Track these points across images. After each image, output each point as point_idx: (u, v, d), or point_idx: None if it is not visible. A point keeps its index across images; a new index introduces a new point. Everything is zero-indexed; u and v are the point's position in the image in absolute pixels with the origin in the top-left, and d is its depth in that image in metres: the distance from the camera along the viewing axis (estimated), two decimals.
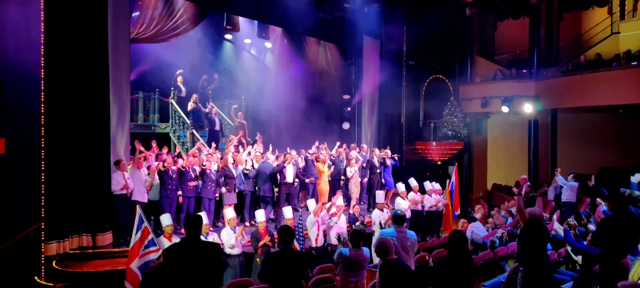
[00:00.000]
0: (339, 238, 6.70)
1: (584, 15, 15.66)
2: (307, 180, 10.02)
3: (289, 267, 4.75)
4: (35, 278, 6.80)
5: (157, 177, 8.32)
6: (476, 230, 8.62)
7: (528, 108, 14.05)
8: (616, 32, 14.32)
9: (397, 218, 5.59)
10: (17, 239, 6.56)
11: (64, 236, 7.36)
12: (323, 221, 7.69)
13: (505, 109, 14.39)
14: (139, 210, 5.97)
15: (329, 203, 8.03)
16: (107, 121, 7.93)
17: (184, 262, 4.04)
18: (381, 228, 7.48)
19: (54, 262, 7.11)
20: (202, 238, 6.28)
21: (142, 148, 8.57)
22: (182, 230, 8.22)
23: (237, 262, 6.98)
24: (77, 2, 7.43)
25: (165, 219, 6.80)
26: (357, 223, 8.31)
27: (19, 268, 6.68)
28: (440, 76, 16.25)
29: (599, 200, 8.82)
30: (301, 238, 7.24)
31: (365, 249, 5.27)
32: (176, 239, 6.65)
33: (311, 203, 8.07)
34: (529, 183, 12.26)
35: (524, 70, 15.31)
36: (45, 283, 6.76)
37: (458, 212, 10.32)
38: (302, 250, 7.16)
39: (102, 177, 7.78)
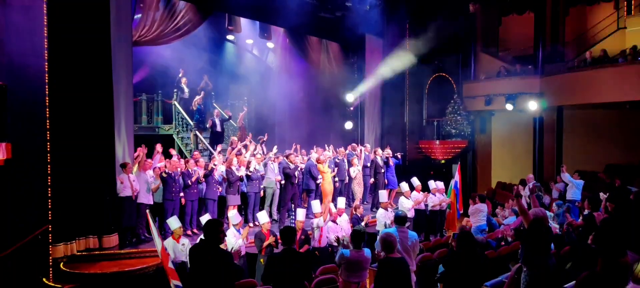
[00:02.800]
0: (338, 240, 6.73)
1: (590, 11, 15.50)
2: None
3: (292, 268, 4.80)
4: (44, 279, 6.90)
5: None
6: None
7: (533, 105, 13.95)
8: (623, 27, 14.19)
9: (399, 219, 5.62)
10: (25, 241, 6.66)
11: (71, 238, 7.47)
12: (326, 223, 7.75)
13: (509, 107, 14.31)
14: (149, 217, 6.05)
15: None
16: (111, 124, 8.01)
17: (203, 263, 4.19)
18: (385, 228, 7.50)
19: (62, 263, 7.21)
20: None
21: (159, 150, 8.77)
22: (188, 232, 8.37)
23: (241, 262, 7.03)
24: (79, 7, 7.48)
25: (174, 222, 6.86)
26: (362, 224, 8.33)
27: (27, 270, 6.78)
28: (444, 74, 16.18)
29: (602, 195, 8.78)
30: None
31: (366, 250, 5.29)
32: (184, 240, 6.75)
33: (315, 204, 8.10)
34: (535, 181, 12.19)
35: (529, 67, 15.19)
36: (53, 284, 6.85)
37: (462, 211, 10.29)
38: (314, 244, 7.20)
39: (106, 179, 7.85)
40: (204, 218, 6.57)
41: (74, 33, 7.40)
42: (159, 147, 9.84)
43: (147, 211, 6.27)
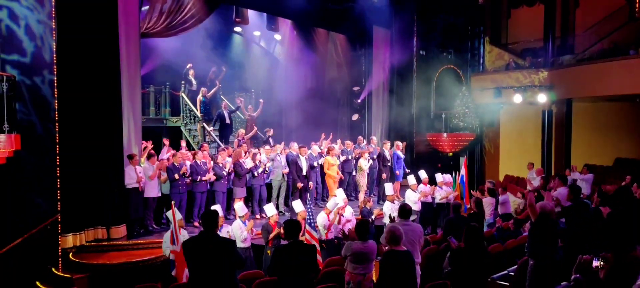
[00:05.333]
0: (344, 233, 6.75)
1: (601, 2, 15.23)
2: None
3: (299, 260, 4.81)
4: (53, 269, 6.98)
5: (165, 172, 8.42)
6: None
7: (542, 98, 13.81)
8: (634, 19, 13.96)
9: (403, 212, 5.60)
10: (35, 232, 6.74)
11: (80, 228, 7.58)
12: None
13: (518, 99, 14.19)
14: (173, 211, 6.10)
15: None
16: (120, 115, 8.07)
17: (203, 255, 4.17)
18: (391, 221, 7.48)
19: (71, 253, 7.31)
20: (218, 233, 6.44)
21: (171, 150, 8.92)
22: (195, 223, 8.43)
23: (247, 254, 7.05)
24: None
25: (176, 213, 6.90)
26: (372, 217, 8.31)
27: (36, 260, 6.87)
28: (452, 66, 16.04)
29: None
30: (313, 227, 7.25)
31: (372, 241, 5.29)
32: (185, 232, 6.78)
33: (331, 201, 8.07)
34: (544, 175, 12.09)
35: (539, 59, 15.03)
36: (62, 274, 6.93)
37: (469, 206, 10.25)
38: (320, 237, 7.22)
39: (115, 170, 7.93)
40: None
41: (82, 25, 7.44)
42: (166, 142, 9.92)
43: (173, 202, 6.33)
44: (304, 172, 9.69)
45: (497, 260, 6.54)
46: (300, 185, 9.60)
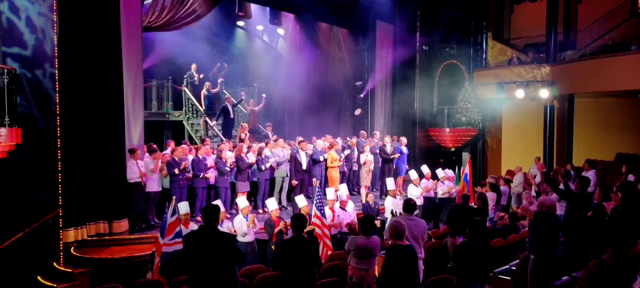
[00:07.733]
0: (350, 228, 6.73)
1: None
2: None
3: (301, 254, 4.81)
4: (54, 264, 6.98)
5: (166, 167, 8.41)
6: None
7: (544, 93, 13.80)
8: (637, 15, 13.90)
9: (408, 207, 5.60)
10: (36, 226, 6.74)
11: (81, 223, 7.56)
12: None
13: (520, 95, 14.16)
14: (173, 202, 6.16)
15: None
16: (122, 110, 8.03)
17: (202, 249, 4.16)
18: (393, 216, 7.48)
19: (72, 248, 7.30)
20: (219, 227, 6.43)
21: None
22: (197, 218, 8.43)
23: (250, 249, 7.06)
24: None
25: (183, 207, 6.90)
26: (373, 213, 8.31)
27: (38, 254, 6.87)
28: (455, 61, 15.98)
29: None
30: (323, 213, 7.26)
31: (375, 237, 5.28)
32: (193, 226, 6.78)
33: (329, 192, 8.08)
34: (545, 170, 12.07)
35: (541, 55, 14.99)
36: (63, 269, 6.94)
37: (473, 204, 10.23)
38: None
39: (117, 165, 7.90)
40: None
41: (84, 18, 7.41)
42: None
43: (174, 197, 6.37)
44: (304, 167, 9.66)
45: (499, 254, 6.54)
46: (294, 182, 9.57)
